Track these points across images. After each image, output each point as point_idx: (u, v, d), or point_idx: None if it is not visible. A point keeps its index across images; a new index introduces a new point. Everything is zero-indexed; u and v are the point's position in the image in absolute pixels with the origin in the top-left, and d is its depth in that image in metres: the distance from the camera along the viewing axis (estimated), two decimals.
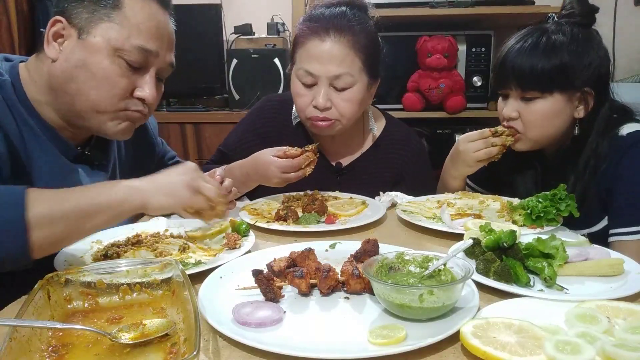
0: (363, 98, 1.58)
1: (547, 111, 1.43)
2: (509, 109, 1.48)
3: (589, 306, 0.80)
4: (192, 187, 1.04)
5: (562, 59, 1.39)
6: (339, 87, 1.52)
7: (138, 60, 1.12)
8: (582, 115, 1.45)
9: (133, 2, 1.12)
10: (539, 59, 1.40)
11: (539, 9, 2.72)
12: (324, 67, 1.49)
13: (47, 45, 1.11)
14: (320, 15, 1.55)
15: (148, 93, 1.15)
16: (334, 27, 1.50)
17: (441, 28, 2.82)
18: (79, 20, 1.10)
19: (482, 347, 0.69)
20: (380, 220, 1.41)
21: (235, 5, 3.52)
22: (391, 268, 0.91)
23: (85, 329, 0.75)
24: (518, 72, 1.43)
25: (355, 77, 1.52)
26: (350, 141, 1.74)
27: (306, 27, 1.54)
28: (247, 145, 1.66)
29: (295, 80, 1.58)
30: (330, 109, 1.53)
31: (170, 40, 1.21)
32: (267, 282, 0.87)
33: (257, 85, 3.18)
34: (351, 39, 1.50)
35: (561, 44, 1.40)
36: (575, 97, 1.43)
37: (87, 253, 1.12)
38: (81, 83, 1.10)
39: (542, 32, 1.44)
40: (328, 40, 1.49)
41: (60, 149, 1.18)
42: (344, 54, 1.49)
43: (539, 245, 0.98)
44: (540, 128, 1.46)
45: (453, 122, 2.90)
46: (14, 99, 1.11)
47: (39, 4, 3.08)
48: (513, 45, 1.47)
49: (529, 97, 1.44)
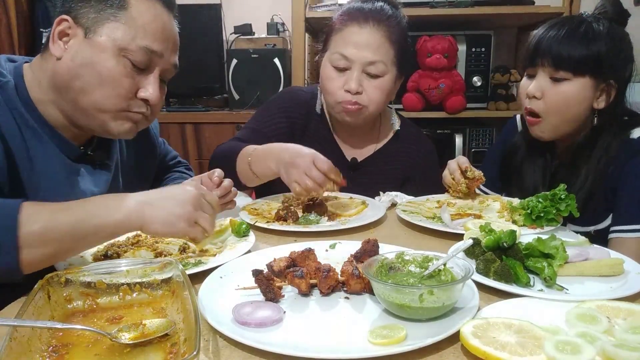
0: (391, 89, 1.65)
1: (573, 94, 1.42)
2: (535, 87, 1.46)
3: (589, 306, 0.80)
4: (191, 220, 1.02)
5: (600, 46, 1.39)
6: (372, 74, 1.58)
7: (143, 60, 1.13)
8: (601, 107, 1.45)
9: (139, 3, 1.12)
10: (579, 42, 1.40)
11: (539, 9, 2.72)
12: (360, 52, 1.56)
13: (53, 43, 1.11)
14: (360, 7, 1.62)
15: (151, 93, 1.15)
16: (373, 17, 1.58)
17: (441, 28, 2.82)
18: (85, 20, 1.11)
19: (482, 347, 0.69)
20: (380, 220, 1.41)
21: (235, 5, 3.52)
22: (391, 268, 0.91)
23: (85, 329, 0.75)
24: (554, 52, 1.42)
25: (387, 67, 1.59)
26: (366, 136, 1.79)
27: (345, 15, 1.61)
28: (276, 124, 1.70)
29: (328, 65, 1.63)
30: (362, 94, 1.59)
31: (175, 41, 1.21)
32: (267, 282, 0.87)
33: (257, 85, 3.18)
34: (388, 30, 1.57)
35: (600, 33, 1.41)
36: (600, 87, 1.43)
37: (87, 253, 1.11)
38: (86, 81, 1.10)
39: (580, 21, 1.44)
40: (367, 27, 1.56)
41: (63, 149, 1.19)
42: (380, 43, 1.56)
43: (539, 245, 0.98)
44: (563, 111, 1.45)
45: (453, 122, 2.90)
46: (16, 100, 1.11)
47: (39, 4, 3.07)
48: (548, 30, 1.46)
49: (558, 77, 1.42)
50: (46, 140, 1.15)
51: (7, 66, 1.17)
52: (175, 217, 0.99)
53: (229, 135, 1.91)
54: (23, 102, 1.13)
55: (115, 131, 1.18)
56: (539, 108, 1.47)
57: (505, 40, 3.32)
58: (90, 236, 0.94)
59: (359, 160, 1.78)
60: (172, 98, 3.37)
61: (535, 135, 1.53)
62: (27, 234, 0.87)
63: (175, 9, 1.23)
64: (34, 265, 0.90)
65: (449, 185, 1.55)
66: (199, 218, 1.03)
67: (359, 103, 1.59)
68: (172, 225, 0.99)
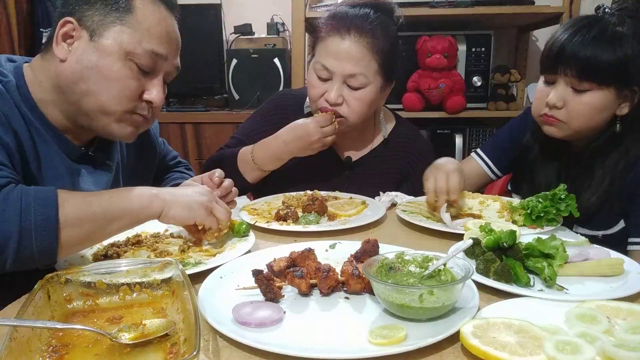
0: (374, 99, 1.61)
1: (596, 104, 1.37)
2: (555, 97, 1.40)
3: (589, 306, 0.80)
4: (209, 208, 1.12)
5: (626, 52, 1.33)
6: (353, 86, 1.56)
7: (149, 64, 1.13)
8: (624, 113, 1.41)
9: (144, 6, 1.12)
10: (603, 51, 1.33)
11: (539, 9, 2.72)
12: (340, 65, 1.53)
13: (56, 45, 1.11)
14: (344, 14, 1.58)
15: (156, 95, 1.16)
16: (356, 27, 1.53)
17: (441, 28, 2.82)
18: (90, 22, 1.10)
19: (482, 347, 0.69)
20: (380, 220, 1.41)
21: (235, 5, 3.52)
22: (391, 268, 0.91)
23: (85, 329, 0.75)
24: (579, 62, 1.35)
25: (369, 79, 1.55)
26: (360, 137, 1.78)
27: (329, 24, 1.58)
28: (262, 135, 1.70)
29: (312, 72, 1.62)
30: (341, 105, 1.58)
31: (178, 44, 1.22)
32: (267, 282, 0.87)
33: (257, 85, 3.18)
34: (370, 42, 1.53)
35: (625, 36, 1.35)
36: (623, 94, 1.38)
37: (87, 253, 1.12)
38: (92, 84, 1.10)
39: (605, 24, 1.37)
40: (348, 40, 1.53)
41: (64, 149, 1.19)
42: (361, 55, 1.53)
43: (539, 245, 0.98)
44: (585, 120, 1.40)
45: (453, 122, 2.90)
46: (19, 100, 1.11)
47: (39, 4, 3.07)
48: (571, 35, 1.38)
49: (581, 88, 1.37)
50: (48, 140, 1.15)
51: (8, 66, 1.17)
52: (196, 204, 1.10)
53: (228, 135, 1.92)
54: (25, 102, 1.13)
55: (118, 134, 1.18)
56: (560, 116, 1.41)
57: (505, 40, 3.32)
58: (120, 219, 1.01)
59: (354, 160, 1.77)
60: (172, 98, 3.37)
61: (549, 133, 1.47)
62: (66, 214, 0.93)
63: (177, 10, 1.23)
64: (70, 247, 0.97)
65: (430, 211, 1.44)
66: (216, 210, 1.14)
67: (338, 114, 1.58)
68: (191, 210, 1.09)
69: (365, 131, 1.78)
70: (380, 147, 1.79)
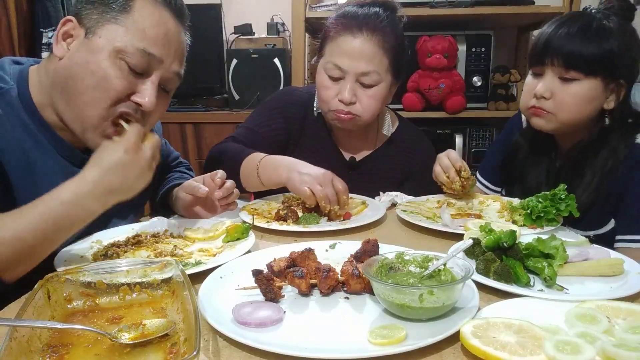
0: (385, 96, 1.63)
1: (583, 94, 1.38)
2: (544, 87, 1.42)
3: (589, 306, 0.80)
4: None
5: (612, 45, 1.35)
6: (365, 84, 1.57)
7: (140, 64, 1.11)
8: (611, 107, 1.42)
9: (143, 7, 1.12)
10: (590, 41, 1.35)
11: (539, 9, 2.72)
12: (353, 63, 1.54)
13: (56, 44, 1.12)
14: (354, 13, 1.59)
15: (146, 100, 1.13)
16: (367, 25, 1.54)
17: (441, 28, 2.82)
18: (88, 21, 1.10)
19: (482, 347, 0.69)
20: (380, 220, 1.41)
21: (235, 5, 3.52)
22: (391, 268, 0.91)
23: (85, 329, 0.75)
24: (566, 51, 1.37)
25: (381, 76, 1.57)
26: (365, 137, 1.79)
27: (340, 23, 1.58)
28: (274, 124, 1.70)
29: (322, 73, 1.61)
30: (355, 104, 1.58)
31: (179, 49, 1.20)
32: (267, 282, 0.87)
33: (257, 85, 3.17)
34: (382, 39, 1.54)
35: (610, 29, 1.37)
36: (610, 87, 1.40)
37: (87, 253, 1.12)
38: (79, 80, 1.09)
39: (590, 18, 1.40)
40: (360, 38, 1.53)
41: (64, 154, 1.18)
42: (374, 53, 1.54)
43: (539, 245, 0.98)
44: (573, 111, 1.41)
45: (453, 122, 2.90)
46: (18, 106, 1.11)
47: (39, 4, 3.07)
48: (557, 28, 1.41)
49: (568, 77, 1.39)
50: (46, 144, 1.15)
51: (12, 69, 1.16)
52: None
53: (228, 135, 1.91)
54: (25, 108, 1.12)
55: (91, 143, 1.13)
56: (548, 108, 1.43)
57: (505, 40, 3.32)
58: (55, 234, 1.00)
59: (357, 160, 1.78)
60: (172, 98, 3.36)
61: (537, 126, 1.48)
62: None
63: (187, 20, 1.21)
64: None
65: (443, 183, 1.54)
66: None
67: (352, 113, 1.58)
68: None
69: (369, 131, 1.78)
70: (384, 147, 1.79)
